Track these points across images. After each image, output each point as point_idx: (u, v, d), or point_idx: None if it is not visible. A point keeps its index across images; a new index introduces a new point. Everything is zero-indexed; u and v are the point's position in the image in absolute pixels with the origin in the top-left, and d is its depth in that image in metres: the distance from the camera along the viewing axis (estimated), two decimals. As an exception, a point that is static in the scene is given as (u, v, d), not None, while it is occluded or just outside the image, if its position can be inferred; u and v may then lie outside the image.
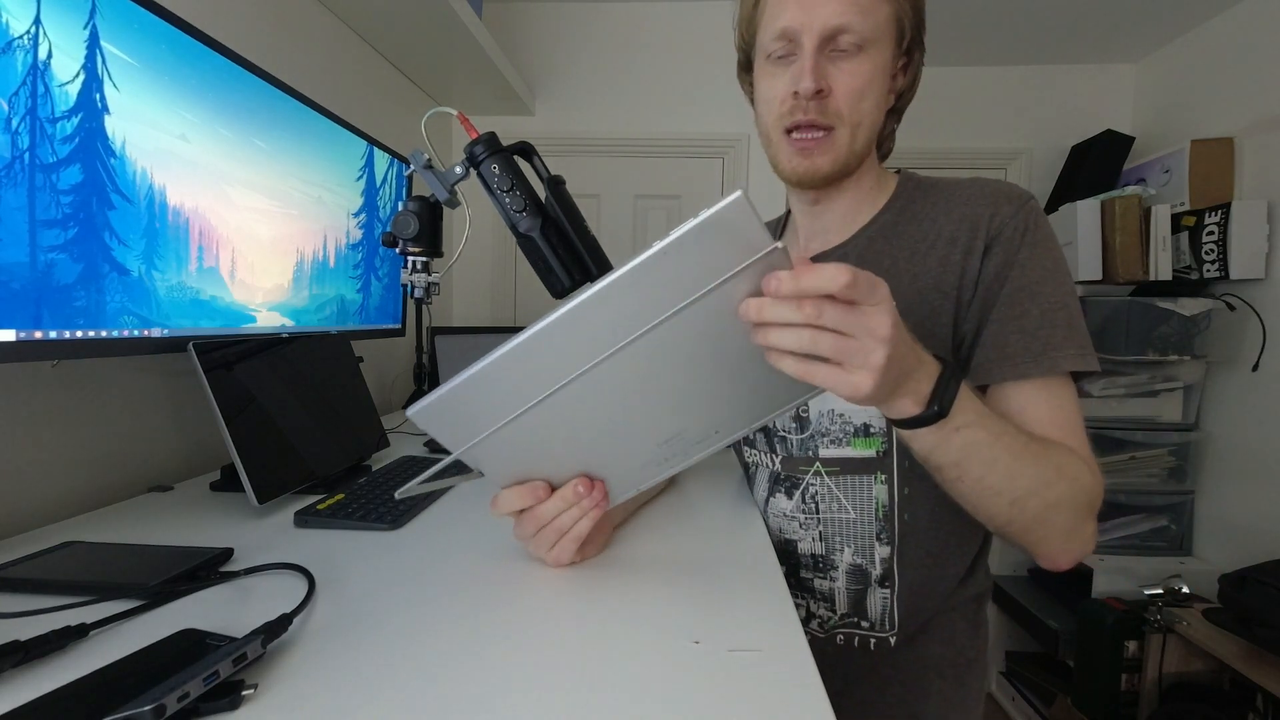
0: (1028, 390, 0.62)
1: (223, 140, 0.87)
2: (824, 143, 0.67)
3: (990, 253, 0.65)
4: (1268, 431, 1.76)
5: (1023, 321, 0.62)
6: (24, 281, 0.61)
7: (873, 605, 0.73)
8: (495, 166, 0.88)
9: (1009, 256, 0.63)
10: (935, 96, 2.33)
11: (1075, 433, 0.61)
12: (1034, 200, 0.66)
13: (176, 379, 0.97)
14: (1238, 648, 1.46)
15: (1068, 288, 0.63)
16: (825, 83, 0.64)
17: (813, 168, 0.68)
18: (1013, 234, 0.64)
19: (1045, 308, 0.61)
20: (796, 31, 0.64)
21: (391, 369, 1.75)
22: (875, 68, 0.65)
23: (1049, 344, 0.60)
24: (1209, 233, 1.82)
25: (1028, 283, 0.62)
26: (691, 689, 0.40)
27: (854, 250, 0.73)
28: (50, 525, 0.73)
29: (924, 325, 0.66)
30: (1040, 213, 0.65)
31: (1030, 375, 0.61)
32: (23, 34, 0.60)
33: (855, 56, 0.64)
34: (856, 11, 0.63)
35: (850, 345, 0.42)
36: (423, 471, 0.56)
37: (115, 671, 0.40)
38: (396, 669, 0.42)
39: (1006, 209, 0.65)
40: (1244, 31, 1.89)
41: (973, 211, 0.66)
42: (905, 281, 0.68)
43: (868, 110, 0.66)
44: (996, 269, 0.64)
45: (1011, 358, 0.62)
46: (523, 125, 2.17)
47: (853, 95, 0.65)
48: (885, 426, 0.69)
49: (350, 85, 1.54)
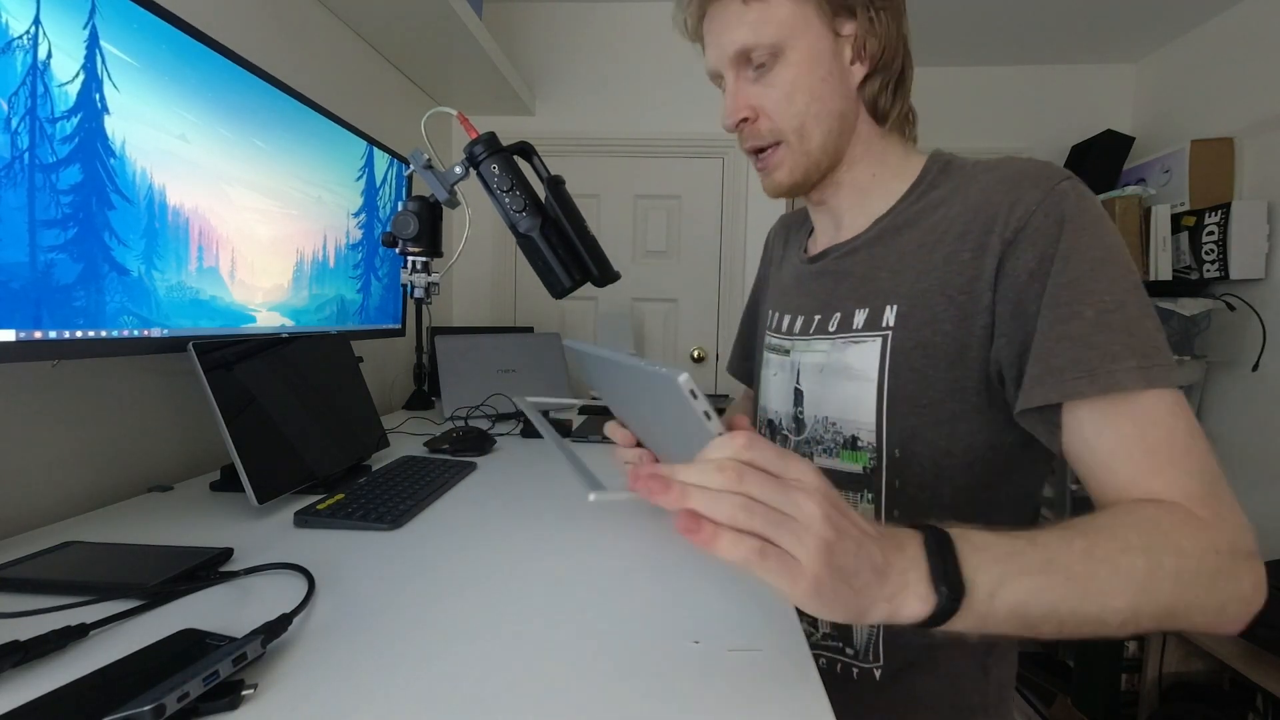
0: (1088, 415, 0.50)
1: (223, 140, 0.87)
2: (773, 157, 0.67)
3: (1016, 250, 0.54)
4: (1268, 432, 1.76)
5: (1070, 326, 0.50)
6: (24, 281, 0.61)
7: (858, 632, 0.67)
8: (495, 166, 0.88)
9: (1045, 250, 0.53)
10: (936, 96, 2.33)
11: (1171, 462, 0.47)
12: (1070, 180, 0.54)
13: (176, 379, 0.97)
14: (1238, 648, 1.46)
15: (1127, 283, 0.51)
16: (750, 107, 0.65)
17: (775, 183, 0.68)
18: (1044, 222, 0.53)
19: (1100, 308, 0.50)
20: (715, 69, 0.67)
21: (391, 369, 1.75)
22: (796, 67, 0.62)
23: (1108, 354, 0.49)
24: (1209, 233, 1.82)
25: (1074, 278, 0.51)
26: (691, 689, 0.40)
27: (862, 245, 0.67)
28: (50, 525, 0.73)
29: (921, 333, 0.59)
30: (1081, 192, 0.54)
31: (1085, 394, 0.49)
32: (22, 34, 0.60)
33: (773, 68, 0.63)
34: (749, 27, 0.62)
35: (784, 524, 0.34)
36: (431, 474, 0.56)
37: (115, 671, 0.40)
38: (396, 669, 0.42)
39: (1032, 195, 0.54)
40: (1244, 31, 1.89)
41: (988, 200, 0.57)
42: (909, 280, 0.61)
43: (801, 110, 0.63)
44: (1031, 268, 0.53)
45: (1058, 371, 0.50)
46: (523, 125, 2.18)
47: (781, 105, 0.64)
48: (874, 441, 0.62)
49: (350, 85, 1.54)
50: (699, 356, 2.25)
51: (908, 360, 0.60)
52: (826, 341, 0.68)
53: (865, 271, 0.66)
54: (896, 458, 0.61)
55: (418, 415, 1.52)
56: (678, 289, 2.26)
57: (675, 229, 2.25)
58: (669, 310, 2.27)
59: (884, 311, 0.62)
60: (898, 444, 0.61)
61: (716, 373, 2.24)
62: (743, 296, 2.20)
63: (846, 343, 0.65)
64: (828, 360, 0.67)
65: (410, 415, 1.53)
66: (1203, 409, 1.95)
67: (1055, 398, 0.51)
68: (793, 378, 0.72)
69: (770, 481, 0.35)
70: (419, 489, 0.83)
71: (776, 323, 0.78)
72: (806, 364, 0.70)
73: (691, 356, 2.25)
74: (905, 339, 0.60)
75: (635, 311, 2.26)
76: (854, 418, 0.64)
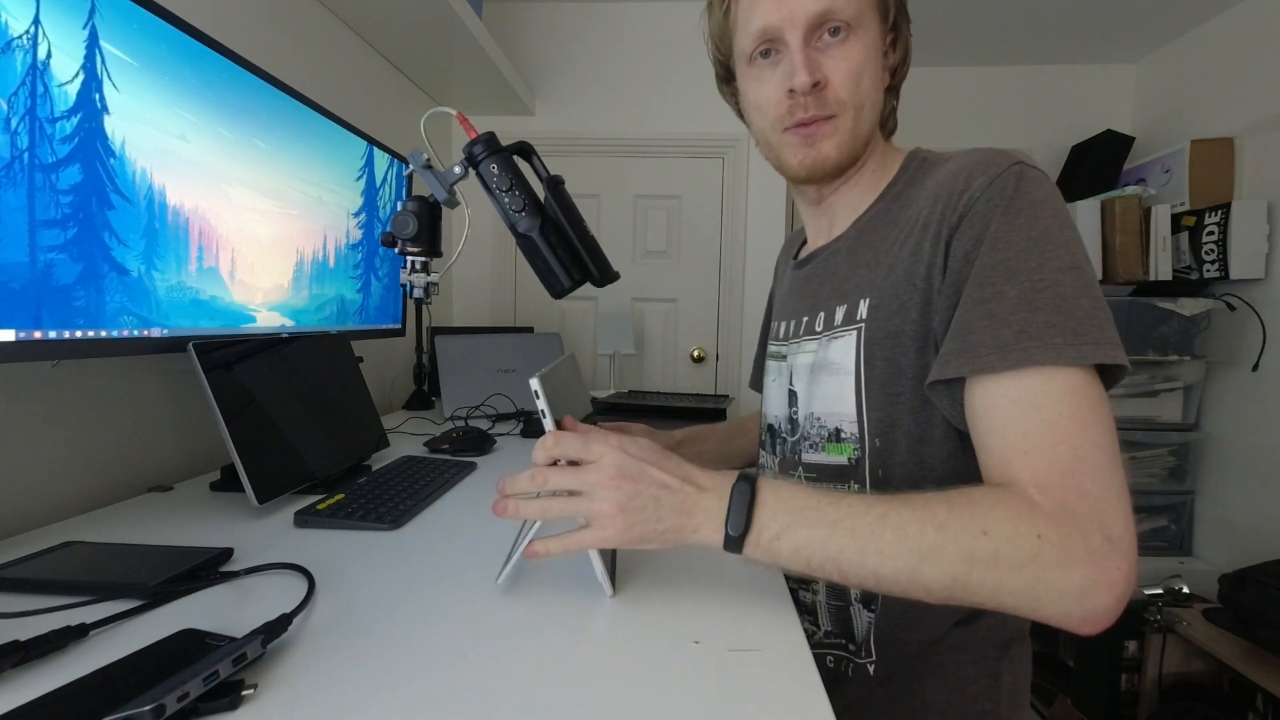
0: (993, 389, 0.50)
1: (223, 140, 0.87)
2: (827, 127, 0.63)
3: (959, 234, 0.54)
4: (1268, 431, 1.76)
5: (993, 305, 0.50)
6: (24, 281, 0.61)
7: (859, 626, 0.66)
8: (494, 166, 0.88)
9: (980, 232, 0.53)
10: (935, 97, 2.33)
11: (1038, 448, 0.47)
12: (1021, 165, 0.54)
13: (176, 379, 0.97)
14: (1238, 648, 1.46)
15: (1061, 262, 0.50)
16: (821, 73, 0.61)
17: (819, 156, 0.64)
18: (986, 205, 0.53)
19: (1025, 287, 0.49)
20: (777, 29, 0.61)
21: (391, 369, 1.75)
22: (867, 48, 0.61)
23: (1024, 331, 0.48)
24: (1209, 233, 1.82)
25: (1003, 258, 0.51)
26: (691, 689, 0.40)
27: (844, 245, 0.69)
28: (50, 525, 0.73)
29: (890, 323, 0.60)
30: (1029, 176, 0.53)
31: (994, 369, 0.49)
32: (22, 34, 0.60)
33: (845, 41, 0.61)
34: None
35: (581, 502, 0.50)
36: (431, 474, 0.56)
37: (115, 671, 0.40)
38: (396, 669, 0.42)
39: (978, 181, 0.54)
40: (1244, 31, 1.89)
41: (945, 189, 0.57)
42: (881, 275, 0.62)
43: (867, 92, 0.62)
44: (966, 249, 0.54)
45: (974, 348, 0.50)
46: (523, 125, 2.18)
47: (850, 80, 0.61)
48: (856, 432, 0.63)
49: (350, 85, 1.54)
50: (699, 356, 2.25)
51: (880, 350, 0.61)
52: (814, 341, 0.69)
53: (846, 270, 0.67)
54: (878, 447, 0.62)
55: (418, 415, 1.53)
56: (678, 289, 2.26)
57: (675, 229, 2.25)
58: (669, 310, 2.27)
59: (859, 305, 0.64)
60: (878, 434, 0.62)
61: (717, 373, 2.24)
62: (743, 297, 2.20)
63: (830, 339, 0.66)
64: (816, 359, 0.68)
65: (410, 415, 1.53)
66: (1203, 409, 1.95)
67: (966, 371, 0.51)
68: (788, 381, 0.73)
69: (568, 472, 0.50)
70: (419, 489, 0.83)
71: (774, 331, 0.81)
72: (799, 365, 0.71)
73: (691, 356, 2.25)
74: (877, 329, 0.61)
75: (635, 311, 2.26)
76: (837, 410, 0.65)
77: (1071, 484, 0.45)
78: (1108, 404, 0.48)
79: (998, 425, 0.49)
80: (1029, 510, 0.44)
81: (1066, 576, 0.43)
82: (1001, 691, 0.63)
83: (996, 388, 0.50)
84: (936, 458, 0.60)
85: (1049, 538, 0.43)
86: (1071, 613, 0.44)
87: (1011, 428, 0.48)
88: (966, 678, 0.63)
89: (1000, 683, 0.63)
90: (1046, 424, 0.47)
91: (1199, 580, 1.76)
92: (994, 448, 0.50)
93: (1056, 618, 0.44)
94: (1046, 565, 0.43)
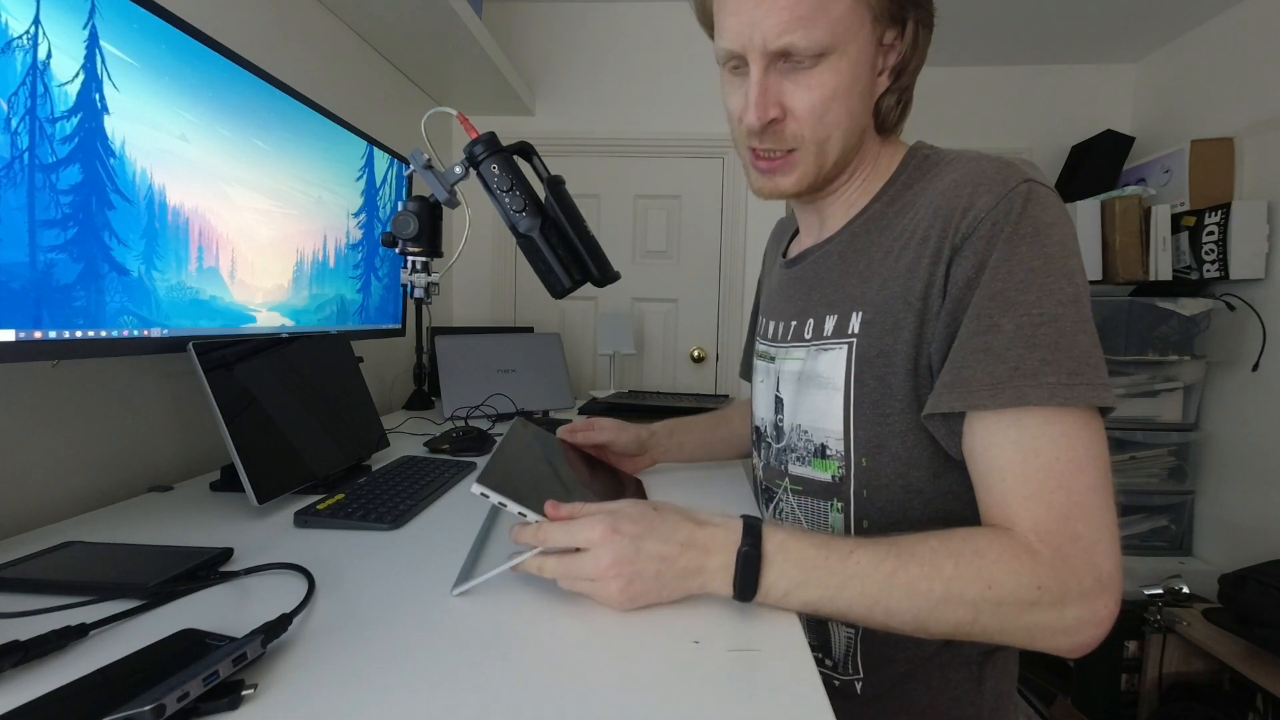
0: (992, 428, 0.50)
1: (223, 140, 0.87)
2: (786, 163, 0.61)
3: (960, 257, 0.53)
4: (1268, 431, 1.76)
5: (989, 338, 0.50)
6: (24, 281, 0.61)
7: (836, 642, 0.65)
8: (495, 166, 0.88)
9: (982, 258, 0.51)
10: (936, 97, 2.33)
11: (1037, 492, 0.47)
12: (1029, 183, 0.52)
13: (176, 379, 0.97)
14: (1238, 648, 1.46)
15: (1063, 294, 0.49)
16: (779, 106, 0.57)
17: (777, 189, 0.63)
18: (990, 229, 0.51)
19: (1023, 321, 0.49)
20: (738, 53, 0.58)
21: (391, 369, 1.75)
22: (840, 71, 0.56)
23: (1019, 369, 0.48)
24: (1209, 233, 1.82)
25: (1002, 289, 0.50)
26: (691, 689, 0.40)
27: (836, 247, 0.66)
28: (50, 525, 0.73)
29: (883, 341, 0.58)
30: (1037, 198, 0.51)
31: (986, 406, 0.49)
32: (22, 34, 0.60)
33: (813, 69, 0.56)
34: (801, 22, 0.53)
35: (585, 583, 0.51)
36: (431, 474, 0.56)
37: (115, 671, 0.40)
38: (396, 669, 0.42)
39: (984, 200, 0.52)
40: (1244, 31, 1.89)
41: (947, 203, 0.55)
42: (875, 287, 0.60)
43: (835, 121, 0.58)
44: (968, 275, 0.52)
45: (967, 383, 0.50)
46: (523, 125, 2.18)
47: (814, 112, 0.57)
48: (842, 450, 0.62)
49: (350, 85, 1.54)
50: (699, 356, 2.25)
51: (871, 368, 0.59)
52: (803, 349, 0.67)
53: (837, 277, 0.65)
54: (864, 467, 0.61)
55: (418, 415, 1.53)
56: (678, 289, 2.26)
57: (675, 229, 2.25)
58: (669, 310, 2.27)
59: (851, 318, 0.61)
60: (865, 453, 0.60)
61: (716, 373, 2.24)
62: (743, 296, 2.20)
63: (819, 350, 0.65)
64: (803, 368, 0.66)
65: (410, 415, 1.53)
66: (1203, 409, 1.95)
67: (959, 407, 0.51)
68: (774, 385, 0.72)
69: (562, 560, 0.51)
70: (419, 489, 0.83)
71: (763, 329, 0.78)
72: (786, 371, 0.70)
73: (691, 356, 2.25)
74: (869, 347, 0.59)
75: (635, 311, 2.26)
76: (823, 425, 0.63)
77: (1067, 530, 0.47)
78: (1103, 440, 0.49)
79: (997, 467, 0.50)
80: (1030, 561, 0.46)
81: (1060, 617, 0.46)
82: (984, 696, 0.63)
83: (995, 426, 0.50)
84: (923, 479, 0.59)
85: (1047, 586, 0.46)
86: (1062, 645, 0.48)
87: (1010, 471, 0.49)
88: (949, 683, 0.63)
89: (983, 688, 0.63)
90: (1045, 469, 0.48)
91: (1199, 580, 1.76)
92: (994, 489, 0.50)
93: (1048, 649, 0.48)
94: (1044, 610, 0.46)
